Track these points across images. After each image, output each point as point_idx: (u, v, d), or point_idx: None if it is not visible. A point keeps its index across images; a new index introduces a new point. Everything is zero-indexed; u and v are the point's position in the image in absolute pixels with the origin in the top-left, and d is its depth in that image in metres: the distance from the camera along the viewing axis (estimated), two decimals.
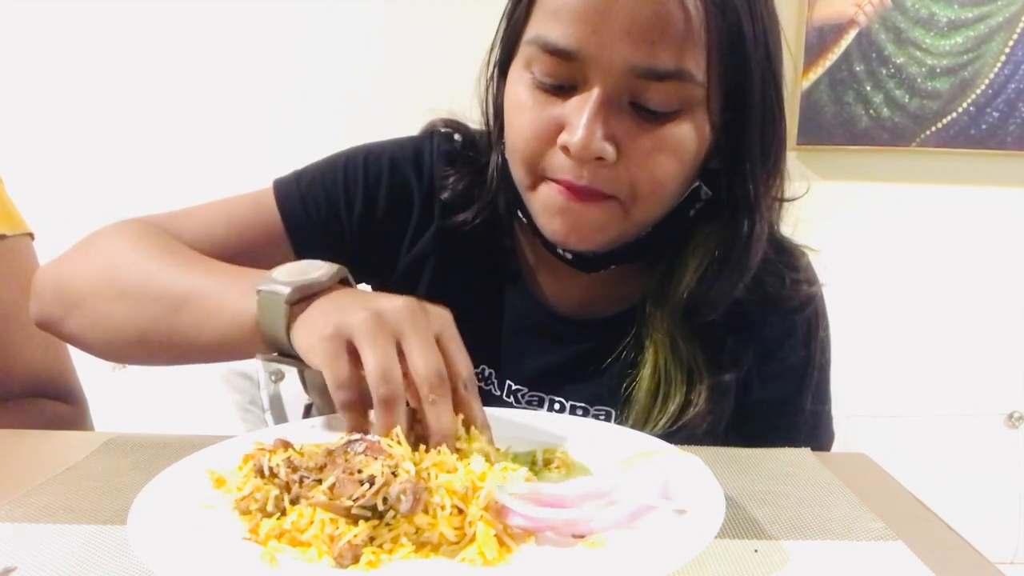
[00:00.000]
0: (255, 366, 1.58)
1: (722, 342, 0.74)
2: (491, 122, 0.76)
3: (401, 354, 0.52)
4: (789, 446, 0.66)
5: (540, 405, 0.76)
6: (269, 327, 0.59)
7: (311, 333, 0.55)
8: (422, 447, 0.51)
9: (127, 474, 0.56)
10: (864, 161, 1.82)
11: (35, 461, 0.60)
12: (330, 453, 0.50)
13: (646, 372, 0.72)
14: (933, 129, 1.79)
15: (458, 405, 0.52)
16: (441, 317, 0.56)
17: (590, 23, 0.60)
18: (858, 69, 1.76)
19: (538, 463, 0.55)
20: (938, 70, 1.77)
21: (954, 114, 1.78)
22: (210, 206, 0.79)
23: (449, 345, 0.54)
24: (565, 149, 0.63)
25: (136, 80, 1.74)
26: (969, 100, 1.78)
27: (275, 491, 0.46)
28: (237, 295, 0.62)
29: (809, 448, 0.66)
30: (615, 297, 0.78)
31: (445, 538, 0.43)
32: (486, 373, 0.78)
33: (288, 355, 0.59)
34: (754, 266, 0.71)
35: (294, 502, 0.46)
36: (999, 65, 1.76)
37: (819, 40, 1.75)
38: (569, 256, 0.72)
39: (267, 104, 1.76)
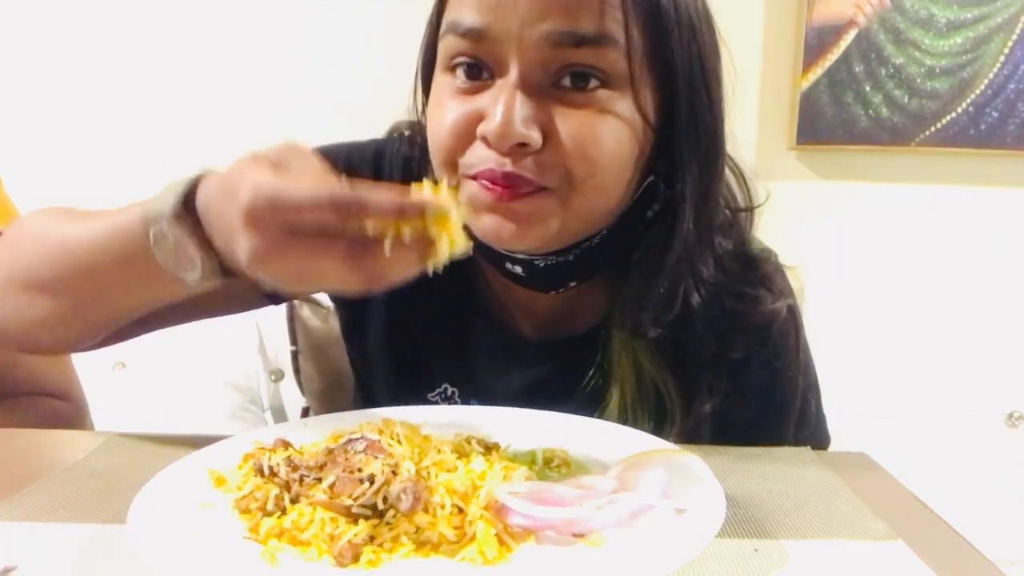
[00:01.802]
0: (255, 366, 1.58)
1: (696, 372, 0.69)
2: (422, 145, 0.69)
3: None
4: None
5: None
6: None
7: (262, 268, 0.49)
8: (422, 450, 0.51)
9: (127, 474, 0.56)
10: (864, 161, 1.83)
11: (35, 461, 0.60)
12: (330, 452, 0.50)
13: (612, 408, 0.69)
14: (932, 129, 1.79)
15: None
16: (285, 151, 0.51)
17: None
18: (857, 69, 1.76)
19: (538, 463, 0.55)
20: (937, 70, 1.77)
21: (953, 114, 1.78)
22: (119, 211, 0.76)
23: (299, 175, 0.49)
24: (485, 140, 0.59)
25: (136, 80, 1.74)
26: (968, 100, 1.78)
27: (275, 490, 0.46)
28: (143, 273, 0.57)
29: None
30: (580, 314, 0.73)
31: (445, 537, 0.43)
32: (448, 392, 0.74)
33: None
34: (671, 266, 0.66)
35: (294, 501, 0.46)
36: (998, 65, 1.76)
37: (819, 40, 1.75)
38: (519, 271, 0.67)
39: (267, 104, 1.76)
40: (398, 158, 0.75)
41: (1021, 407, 1.66)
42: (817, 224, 1.81)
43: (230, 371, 1.55)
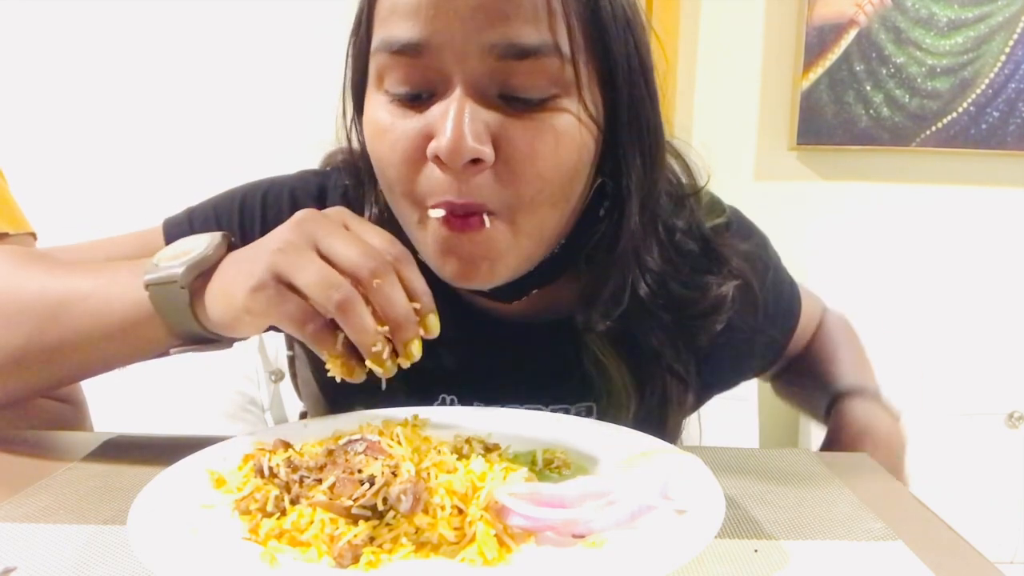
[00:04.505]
0: (255, 366, 1.58)
1: (650, 361, 0.69)
2: (364, 170, 0.67)
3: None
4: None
5: None
6: (173, 317, 0.56)
7: (233, 299, 0.53)
8: (422, 451, 0.51)
9: (127, 474, 0.57)
10: (864, 161, 1.82)
11: (35, 462, 0.60)
12: (330, 453, 0.50)
13: (613, 393, 0.69)
14: (933, 129, 1.79)
15: (400, 281, 0.51)
16: (338, 211, 0.54)
17: (431, 6, 0.54)
18: (858, 69, 1.76)
19: (538, 463, 0.55)
20: (938, 70, 1.76)
21: (954, 114, 1.78)
22: (90, 243, 0.74)
23: (360, 229, 0.53)
24: (437, 159, 0.55)
25: (137, 81, 1.75)
26: (969, 100, 1.77)
27: (275, 491, 0.46)
28: (123, 289, 0.58)
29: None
30: (549, 310, 0.71)
31: (445, 538, 0.43)
32: (447, 401, 0.72)
33: (201, 340, 0.58)
34: (619, 260, 0.65)
35: (294, 502, 0.46)
36: (999, 65, 1.76)
37: (819, 40, 1.75)
38: (485, 288, 0.65)
39: (268, 104, 1.76)
40: (337, 189, 0.74)
41: (1021, 407, 1.66)
42: (817, 224, 1.81)
43: (230, 372, 1.55)
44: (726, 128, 1.81)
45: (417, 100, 0.57)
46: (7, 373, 0.62)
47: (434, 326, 0.53)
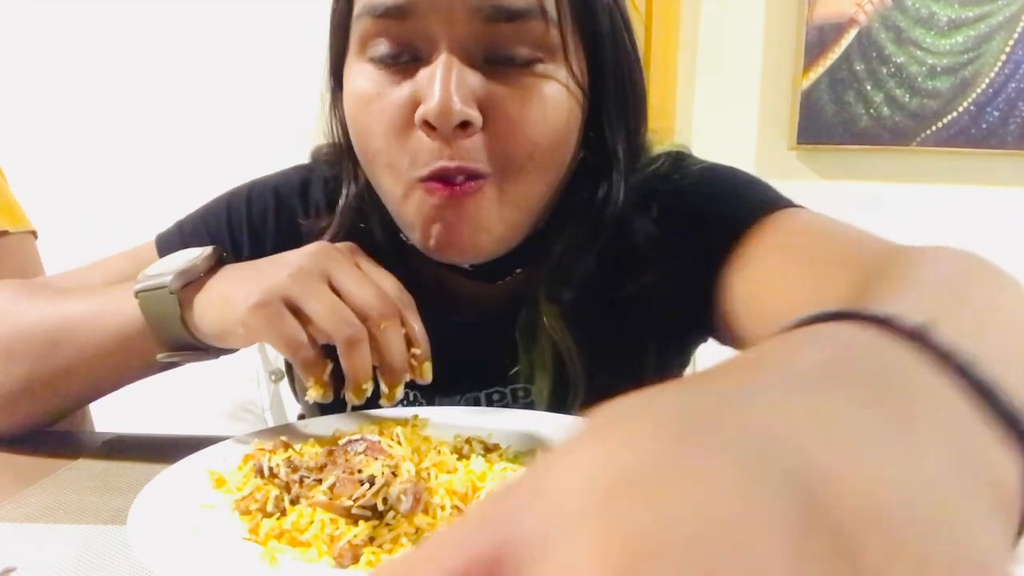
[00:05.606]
0: (255, 366, 1.58)
1: (609, 342, 0.66)
2: (343, 148, 0.65)
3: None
4: None
5: (477, 403, 0.70)
6: (160, 323, 0.57)
7: (230, 309, 0.53)
8: (422, 451, 0.51)
9: (127, 474, 0.57)
10: (864, 161, 1.83)
11: (35, 462, 0.60)
12: (330, 453, 0.50)
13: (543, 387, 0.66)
14: (933, 128, 1.79)
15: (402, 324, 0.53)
16: (351, 248, 0.56)
17: None
18: (858, 68, 1.76)
19: None
20: (938, 69, 1.77)
21: (954, 113, 1.78)
22: (87, 267, 0.75)
23: (370, 270, 0.54)
24: (425, 124, 0.54)
25: (138, 80, 1.75)
26: (969, 99, 1.77)
27: (275, 491, 0.46)
28: (115, 306, 0.59)
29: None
30: (525, 299, 0.68)
31: None
32: (410, 396, 0.71)
33: (189, 347, 0.58)
34: (600, 233, 0.64)
35: (294, 502, 0.46)
36: (999, 64, 1.76)
37: (819, 39, 1.75)
38: (468, 267, 0.64)
39: (268, 105, 1.76)
40: (319, 181, 0.73)
41: None
42: None
43: (230, 372, 1.55)
44: (726, 128, 1.81)
45: (401, 62, 0.56)
46: (15, 403, 0.63)
47: (428, 373, 0.54)
